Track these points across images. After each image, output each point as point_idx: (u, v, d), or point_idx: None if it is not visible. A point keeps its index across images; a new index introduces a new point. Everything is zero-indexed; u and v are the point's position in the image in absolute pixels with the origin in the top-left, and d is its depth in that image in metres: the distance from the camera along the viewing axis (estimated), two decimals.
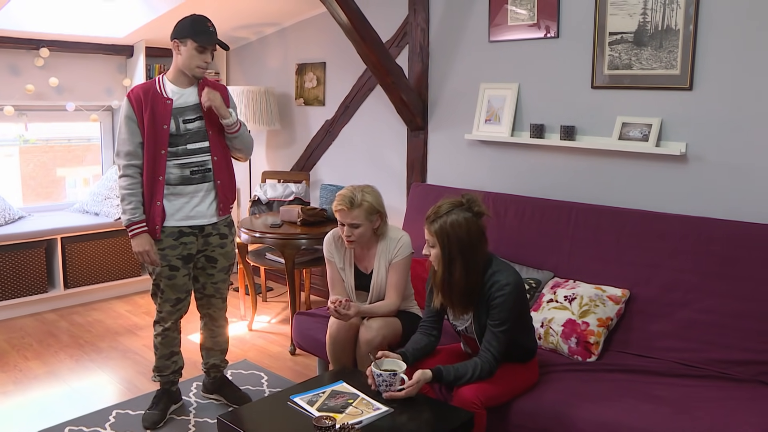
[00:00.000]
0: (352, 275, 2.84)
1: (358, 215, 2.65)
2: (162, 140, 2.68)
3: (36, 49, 4.42)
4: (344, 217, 2.67)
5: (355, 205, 2.64)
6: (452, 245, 2.22)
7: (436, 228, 2.24)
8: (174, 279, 2.79)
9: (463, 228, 2.22)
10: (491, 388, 2.22)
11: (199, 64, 2.71)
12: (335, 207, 2.68)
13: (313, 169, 4.69)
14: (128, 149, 2.70)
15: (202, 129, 2.75)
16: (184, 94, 2.75)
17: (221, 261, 2.90)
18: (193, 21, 2.70)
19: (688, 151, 2.87)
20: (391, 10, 3.98)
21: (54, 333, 4.03)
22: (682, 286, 2.68)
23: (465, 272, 2.23)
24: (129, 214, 2.70)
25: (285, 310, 4.47)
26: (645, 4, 2.90)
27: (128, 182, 2.70)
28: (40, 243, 4.30)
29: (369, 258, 2.82)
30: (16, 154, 4.85)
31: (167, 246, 2.76)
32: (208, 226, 2.84)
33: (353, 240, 2.69)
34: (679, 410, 2.16)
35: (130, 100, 2.70)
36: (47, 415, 2.98)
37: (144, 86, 2.74)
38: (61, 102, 4.66)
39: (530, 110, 3.39)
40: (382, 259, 2.79)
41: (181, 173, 2.73)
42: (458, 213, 2.23)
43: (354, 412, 2.02)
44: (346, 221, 2.67)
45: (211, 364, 3.08)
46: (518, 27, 3.38)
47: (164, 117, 2.68)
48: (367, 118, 4.25)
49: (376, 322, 2.66)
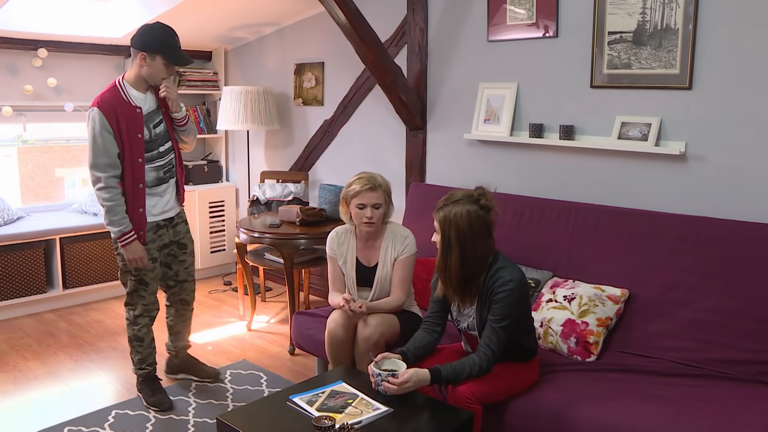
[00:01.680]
0: (354, 269, 2.85)
1: (380, 196, 2.75)
2: (138, 149, 2.82)
3: (34, 50, 4.41)
4: (368, 198, 2.73)
5: (377, 186, 2.74)
6: (451, 233, 2.26)
7: (440, 215, 2.30)
8: (155, 270, 3.00)
9: (465, 219, 2.25)
10: (487, 385, 2.22)
11: (165, 76, 2.85)
12: (358, 189, 2.73)
13: (312, 169, 4.69)
14: (107, 161, 2.77)
15: (165, 130, 2.94)
16: (147, 100, 2.89)
17: (189, 245, 3.17)
18: (163, 38, 2.77)
19: (687, 151, 2.87)
20: (390, 10, 3.97)
21: (53, 333, 4.02)
22: (682, 285, 2.68)
23: (460, 262, 2.26)
24: (118, 225, 2.81)
25: (284, 310, 4.47)
26: (644, 4, 2.90)
27: (111, 194, 2.78)
28: (38, 243, 4.29)
29: (373, 250, 2.86)
30: (14, 154, 4.85)
31: (149, 240, 2.95)
32: (176, 217, 3.09)
33: (374, 222, 2.75)
34: (680, 410, 2.16)
35: (103, 112, 2.74)
36: (47, 415, 2.97)
37: (112, 94, 2.79)
38: (60, 102, 4.65)
39: (529, 110, 3.39)
40: (388, 253, 2.83)
41: (156, 175, 2.92)
42: (465, 204, 2.27)
43: (353, 412, 2.02)
44: (370, 202, 2.73)
45: (181, 345, 3.31)
46: (517, 26, 3.37)
47: (138, 126, 2.81)
48: (366, 118, 4.25)
49: (374, 320, 2.67)
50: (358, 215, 2.76)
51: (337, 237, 2.91)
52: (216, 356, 3.68)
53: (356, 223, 2.80)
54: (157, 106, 2.92)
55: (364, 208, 2.74)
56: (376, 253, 2.86)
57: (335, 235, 2.91)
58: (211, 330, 4.11)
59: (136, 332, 3.04)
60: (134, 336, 3.05)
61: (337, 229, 2.93)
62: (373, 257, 2.86)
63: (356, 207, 2.75)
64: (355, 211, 2.77)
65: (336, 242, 2.90)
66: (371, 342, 2.62)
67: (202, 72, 5.12)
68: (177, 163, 3.04)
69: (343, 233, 2.91)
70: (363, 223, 2.75)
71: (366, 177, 2.77)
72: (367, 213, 2.74)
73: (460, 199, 2.29)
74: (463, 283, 2.30)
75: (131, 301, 3.03)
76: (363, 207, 2.74)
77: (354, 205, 2.76)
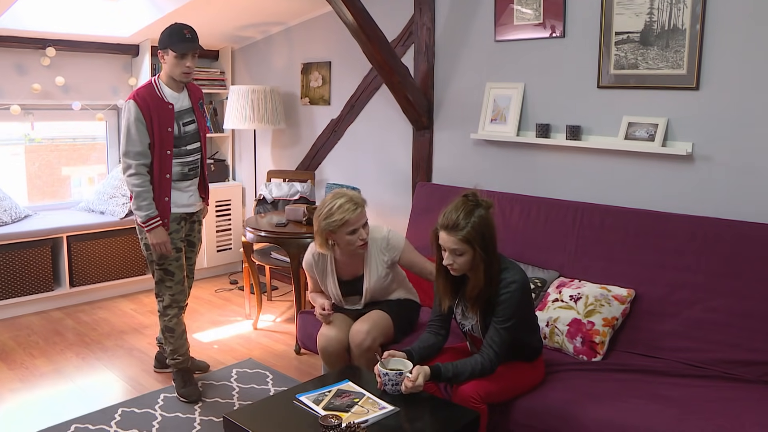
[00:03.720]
0: (336, 287, 2.80)
1: (364, 211, 2.66)
2: (168, 142, 2.97)
3: (42, 49, 4.43)
4: (358, 221, 2.62)
5: (359, 204, 2.64)
6: (486, 245, 2.20)
7: (463, 234, 2.18)
8: (180, 260, 3.11)
9: (489, 225, 2.22)
10: (492, 384, 2.22)
11: (183, 69, 2.96)
12: (346, 218, 2.58)
13: (319, 168, 4.69)
14: (139, 149, 2.92)
15: (196, 131, 3.09)
16: (179, 99, 3.04)
17: (198, 244, 3.30)
18: (170, 31, 2.94)
19: (694, 151, 2.86)
20: (397, 10, 3.97)
21: (60, 331, 4.04)
22: (688, 286, 2.68)
23: (486, 275, 2.22)
24: (146, 210, 2.95)
25: (290, 309, 4.48)
26: (651, 4, 2.89)
27: (141, 180, 2.94)
28: (46, 241, 4.31)
29: (354, 264, 2.78)
30: (21, 153, 4.87)
31: (173, 230, 3.07)
32: (194, 214, 3.23)
33: (368, 239, 2.68)
34: (687, 411, 2.15)
35: (138, 104, 2.92)
36: (54, 413, 2.99)
37: (147, 90, 2.97)
38: (67, 101, 4.68)
39: (536, 110, 3.39)
40: (374, 260, 2.75)
41: (181, 170, 3.06)
42: (477, 213, 2.20)
43: (360, 411, 2.02)
44: (360, 223, 2.64)
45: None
46: (524, 26, 3.37)
47: (168, 120, 2.97)
48: (373, 117, 4.25)
49: (365, 325, 2.64)
50: (350, 242, 2.63)
51: (314, 261, 2.81)
52: (222, 355, 3.69)
53: (348, 249, 2.67)
54: (190, 106, 3.08)
55: (356, 232, 2.62)
56: (358, 265, 2.78)
57: (311, 258, 2.81)
58: (217, 328, 4.12)
59: (167, 323, 3.14)
60: (165, 327, 3.15)
61: (313, 253, 2.79)
62: (355, 269, 2.79)
63: (347, 234, 2.61)
64: (345, 239, 2.62)
65: (313, 264, 2.82)
66: (364, 347, 2.60)
67: (209, 71, 5.14)
68: (202, 165, 3.18)
69: (319, 256, 2.79)
70: (359, 246, 2.65)
71: (345, 201, 2.61)
72: (361, 235, 2.64)
73: (470, 210, 2.21)
74: (483, 295, 2.26)
75: (159, 291, 3.14)
76: (355, 231, 2.62)
77: (343, 234, 2.61)
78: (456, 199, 2.28)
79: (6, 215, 4.32)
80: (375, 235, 2.75)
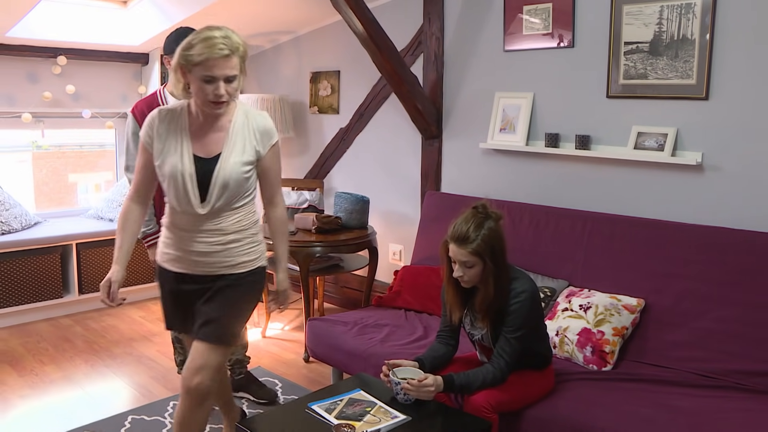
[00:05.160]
0: (191, 163, 2.07)
1: (235, 64, 1.99)
2: None
3: (53, 57, 4.47)
4: (221, 68, 1.94)
5: (234, 49, 1.97)
6: (496, 258, 2.20)
7: (473, 247, 2.17)
8: None
9: (499, 237, 2.22)
10: (503, 394, 2.22)
11: None
12: (206, 56, 1.93)
13: (327, 177, 4.71)
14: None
15: None
16: None
17: None
18: (177, 35, 2.77)
19: (704, 161, 2.86)
20: (406, 19, 4.00)
21: (69, 338, 4.06)
22: (699, 295, 2.67)
23: (496, 286, 2.22)
24: (144, 226, 2.86)
25: (298, 318, 4.49)
26: (661, 14, 2.90)
27: None
28: (55, 249, 4.33)
29: (215, 138, 2.11)
30: (29, 160, 4.90)
31: None
32: None
33: (226, 101, 2.02)
34: (698, 422, 2.15)
35: (135, 117, 2.81)
36: (63, 420, 3.00)
37: (147, 101, 2.84)
38: (78, 109, 4.71)
39: (545, 119, 3.40)
40: (241, 138, 2.11)
41: None
42: (486, 225, 2.21)
43: (372, 420, 2.03)
44: (222, 74, 1.95)
45: (235, 359, 3.18)
46: (533, 36, 3.39)
47: None
48: (382, 126, 4.27)
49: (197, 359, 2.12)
50: (202, 91, 1.98)
51: (159, 116, 2.11)
52: None
53: (198, 101, 2.03)
54: None
55: (212, 82, 1.96)
56: (218, 141, 2.10)
57: (158, 114, 2.12)
58: None
59: (176, 334, 3.03)
60: (175, 338, 3.11)
61: (161, 108, 2.15)
62: (214, 146, 2.10)
63: (201, 80, 1.96)
64: (197, 84, 1.98)
65: (157, 123, 2.11)
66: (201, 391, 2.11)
67: None
68: None
69: (168, 114, 2.12)
70: (210, 102, 2.00)
71: (219, 37, 1.96)
72: (218, 89, 1.97)
73: (480, 223, 2.21)
74: (493, 306, 2.26)
75: None
76: (211, 80, 1.96)
77: (197, 77, 1.96)
78: (466, 210, 2.29)
79: (16, 222, 4.35)
80: (253, 113, 2.17)
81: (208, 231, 2.14)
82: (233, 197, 2.13)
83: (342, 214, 3.98)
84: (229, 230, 2.17)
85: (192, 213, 2.11)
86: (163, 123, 2.11)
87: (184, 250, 2.16)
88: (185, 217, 2.13)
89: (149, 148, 2.12)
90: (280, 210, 2.36)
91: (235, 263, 2.20)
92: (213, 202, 2.10)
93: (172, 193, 2.12)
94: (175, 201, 2.13)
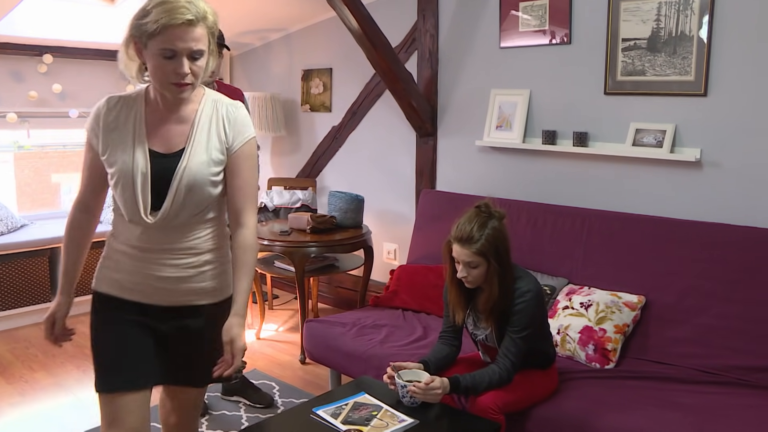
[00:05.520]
0: (146, 160, 1.66)
1: (203, 35, 1.58)
2: None
3: (39, 56, 4.38)
4: (184, 39, 1.54)
5: (200, 17, 1.57)
6: (500, 257, 2.17)
7: (477, 247, 2.15)
8: None
9: (503, 236, 2.20)
10: (509, 394, 2.20)
11: None
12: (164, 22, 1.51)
13: (320, 176, 4.66)
14: None
15: None
16: None
17: None
18: None
19: (702, 157, 2.86)
20: (400, 16, 3.96)
21: (59, 344, 3.97)
22: (699, 292, 2.67)
23: (501, 286, 2.19)
24: None
25: (292, 318, 4.44)
26: (659, 11, 2.89)
27: None
28: (43, 252, 4.25)
29: (177, 131, 1.70)
30: (11, 160, 4.80)
31: None
32: None
33: (192, 83, 1.61)
34: (705, 419, 2.14)
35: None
36: (55, 427, 2.93)
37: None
38: (64, 108, 4.62)
39: (542, 116, 3.38)
40: (207, 130, 1.71)
41: None
42: (490, 224, 2.18)
43: (379, 424, 1.99)
44: (185, 48, 1.55)
45: None
46: (529, 33, 3.37)
47: None
48: (375, 124, 4.23)
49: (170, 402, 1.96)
50: (160, 70, 1.57)
51: (109, 106, 1.71)
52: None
53: (157, 84, 1.62)
54: None
55: (173, 58, 1.55)
56: (180, 135, 1.69)
57: (106, 103, 1.71)
58: None
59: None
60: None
61: (109, 97, 1.73)
62: (176, 140, 1.69)
63: (159, 55, 1.55)
64: (155, 62, 1.56)
65: (104, 113, 1.70)
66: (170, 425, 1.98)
67: None
68: None
69: (120, 101, 1.71)
70: (171, 84, 1.59)
71: (182, 2, 1.55)
72: (180, 67, 1.56)
73: (483, 223, 2.18)
74: (498, 307, 2.23)
75: None
76: (172, 55, 1.55)
77: (154, 52, 1.55)
78: (468, 210, 2.26)
79: (2, 225, 4.25)
80: (224, 101, 1.76)
81: (178, 250, 1.70)
82: (198, 206, 1.69)
83: (337, 213, 3.93)
84: (202, 248, 1.74)
85: (141, 223, 1.67)
86: (112, 112, 1.69)
87: (144, 274, 1.71)
88: (148, 232, 1.68)
89: (95, 143, 1.70)
90: (248, 232, 1.75)
91: (210, 289, 1.77)
92: (169, 209, 1.65)
93: (120, 198, 1.69)
94: (123, 208, 1.70)
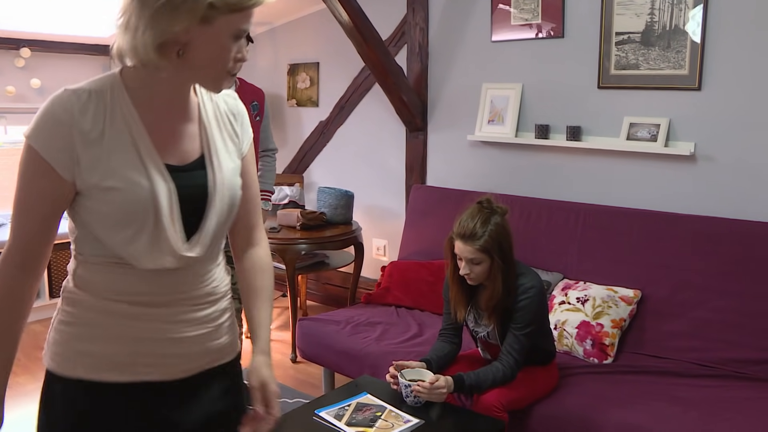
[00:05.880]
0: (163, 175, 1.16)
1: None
2: None
3: (16, 49, 4.25)
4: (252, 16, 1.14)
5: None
6: (504, 253, 2.15)
7: (481, 243, 2.12)
8: None
9: (506, 232, 2.18)
10: (512, 392, 2.19)
11: None
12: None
13: (307, 171, 4.60)
14: None
15: None
16: None
17: None
18: None
19: (697, 151, 2.87)
20: (389, 9, 3.91)
21: (41, 345, 3.83)
22: (694, 285, 2.68)
23: (505, 282, 2.17)
24: None
25: (281, 316, 4.38)
26: (652, 4, 2.89)
27: None
28: None
29: (185, 133, 1.22)
30: None
31: None
32: None
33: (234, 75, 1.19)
34: (706, 412, 2.15)
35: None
36: None
37: None
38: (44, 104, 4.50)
39: (535, 111, 3.36)
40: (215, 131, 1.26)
41: None
42: (493, 220, 2.16)
43: (384, 425, 1.96)
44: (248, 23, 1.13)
45: None
46: (521, 26, 3.34)
47: None
48: (364, 119, 4.18)
49: None
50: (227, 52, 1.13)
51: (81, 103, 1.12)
52: None
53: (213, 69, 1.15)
54: None
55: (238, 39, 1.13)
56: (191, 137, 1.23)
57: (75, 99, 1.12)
58: None
59: None
60: None
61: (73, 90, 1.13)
62: (188, 145, 1.22)
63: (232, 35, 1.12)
64: (220, 44, 1.11)
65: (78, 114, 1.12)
66: None
67: None
68: None
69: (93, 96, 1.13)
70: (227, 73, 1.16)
71: None
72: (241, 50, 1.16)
73: (486, 219, 2.16)
74: (501, 304, 2.21)
75: None
76: (239, 36, 1.13)
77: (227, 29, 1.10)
78: (470, 206, 2.24)
79: None
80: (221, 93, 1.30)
81: (197, 299, 1.24)
82: (226, 232, 1.30)
83: (326, 209, 3.88)
84: (219, 293, 1.29)
85: (165, 266, 1.17)
86: (87, 115, 1.12)
87: (154, 340, 1.21)
88: (160, 279, 1.19)
89: (64, 165, 1.12)
90: (263, 252, 1.40)
91: (227, 345, 1.34)
92: (210, 240, 1.22)
93: (121, 237, 1.15)
94: (133, 248, 1.15)
